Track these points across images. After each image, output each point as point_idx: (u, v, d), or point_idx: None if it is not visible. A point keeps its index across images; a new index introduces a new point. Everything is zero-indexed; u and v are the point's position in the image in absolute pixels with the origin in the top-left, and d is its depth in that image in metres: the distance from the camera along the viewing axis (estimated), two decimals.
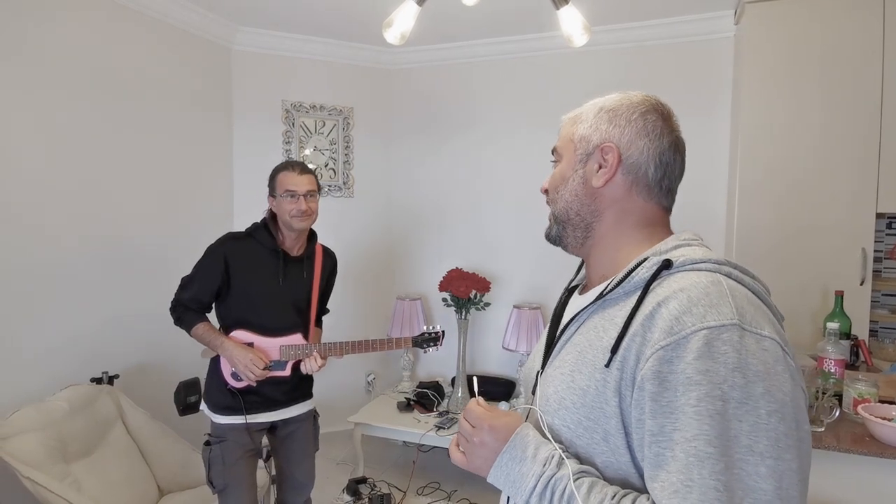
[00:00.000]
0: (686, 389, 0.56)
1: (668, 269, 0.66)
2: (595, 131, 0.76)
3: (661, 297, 0.63)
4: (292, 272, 1.86)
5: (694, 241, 0.72)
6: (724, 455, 0.54)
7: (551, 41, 3.06)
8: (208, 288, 1.80)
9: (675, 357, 0.58)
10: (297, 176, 1.80)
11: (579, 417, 0.66)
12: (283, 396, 1.89)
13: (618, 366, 0.63)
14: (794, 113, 2.32)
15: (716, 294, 0.60)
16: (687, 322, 0.59)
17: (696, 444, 0.55)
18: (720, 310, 0.59)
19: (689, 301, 0.60)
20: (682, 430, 0.56)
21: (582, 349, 0.69)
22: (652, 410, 0.58)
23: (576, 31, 1.77)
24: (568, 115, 0.83)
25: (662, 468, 0.57)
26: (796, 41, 2.31)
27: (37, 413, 1.89)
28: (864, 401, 1.65)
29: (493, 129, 3.31)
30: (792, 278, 2.31)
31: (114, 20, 2.45)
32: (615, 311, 0.68)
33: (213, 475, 1.79)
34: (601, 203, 0.76)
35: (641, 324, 0.62)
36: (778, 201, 2.35)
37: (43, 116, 2.18)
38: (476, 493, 2.77)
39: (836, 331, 1.84)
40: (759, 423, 0.55)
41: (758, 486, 0.54)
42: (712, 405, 0.55)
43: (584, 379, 0.66)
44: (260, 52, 3.19)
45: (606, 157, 0.74)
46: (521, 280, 3.29)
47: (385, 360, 3.61)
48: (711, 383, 0.56)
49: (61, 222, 2.26)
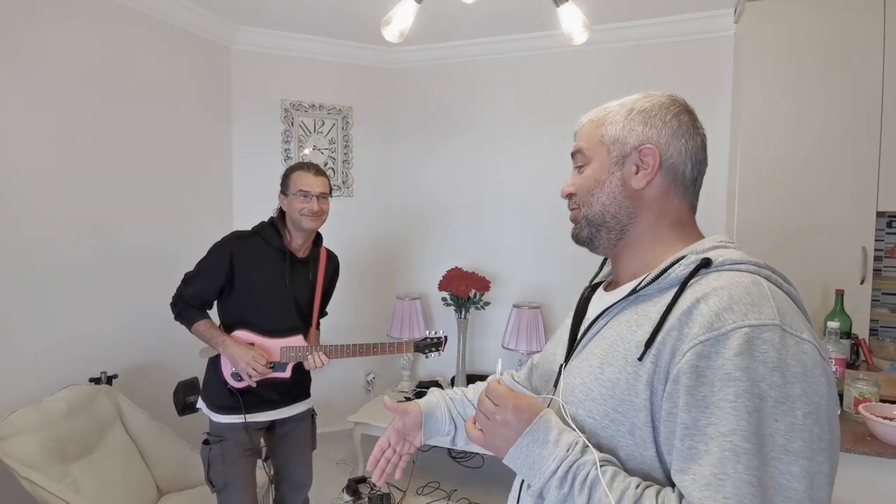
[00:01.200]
0: (724, 385, 0.57)
1: (707, 268, 0.66)
2: (630, 133, 0.76)
3: (699, 293, 0.63)
4: (298, 273, 1.85)
5: (731, 243, 0.72)
6: (759, 452, 0.55)
7: (551, 40, 3.05)
8: (212, 285, 1.79)
9: (714, 352, 0.58)
10: (313, 177, 1.82)
11: (606, 409, 0.66)
12: (282, 396, 1.89)
13: (651, 360, 0.63)
14: (794, 111, 2.32)
15: (757, 294, 0.61)
16: (728, 319, 0.59)
17: (732, 438, 0.56)
18: (761, 310, 0.59)
19: (730, 299, 0.60)
20: (717, 424, 0.56)
21: (612, 343, 0.69)
22: (687, 404, 0.59)
23: (576, 28, 1.77)
24: (588, 117, 0.82)
25: (694, 461, 0.57)
26: (796, 39, 2.30)
27: (35, 413, 1.88)
28: (865, 400, 1.65)
29: (492, 129, 3.30)
30: (792, 277, 2.26)
31: (113, 20, 2.45)
32: (649, 307, 0.68)
33: (213, 474, 1.78)
34: (639, 205, 0.76)
35: (678, 319, 0.62)
36: (778, 200, 2.34)
37: (41, 116, 2.17)
38: (476, 492, 2.77)
39: (837, 330, 1.84)
40: (796, 424, 0.56)
41: (790, 484, 0.54)
42: (750, 402, 0.56)
43: (615, 372, 0.66)
44: (259, 52, 3.19)
45: (646, 158, 0.75)
46: (520, 279, 3.29)
47: (384, 360, 3.60)
48: (750, 380, 0.56)
49: (60, 222, 2.26)
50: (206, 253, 1.83)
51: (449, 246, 3.45)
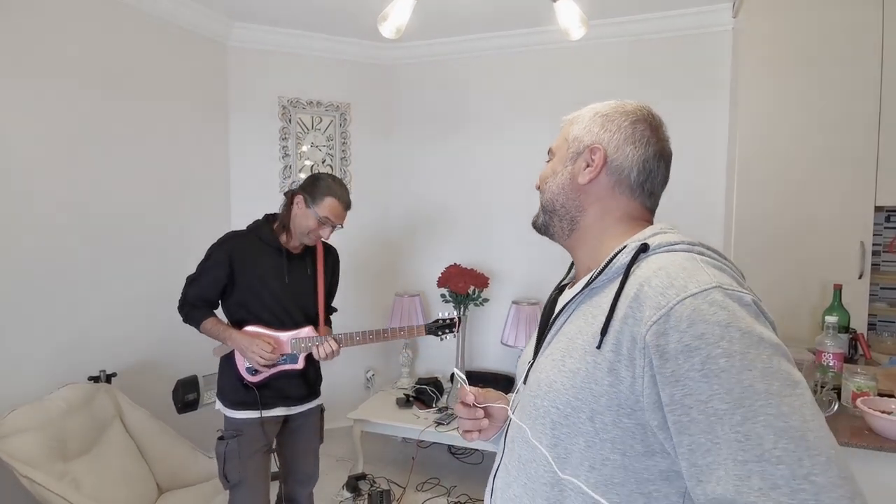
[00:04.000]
0: (687, 357, 0.59)
1: (645, 252, 0.70)
2: (588, 133, 0.82)
3: (642, 278, 0.66)
4: (296, 269, 1.86)
5: (671, 229, 0.76)
6: (740, 406, 0.56)
7: (549, 35, 3.05)
8: (214, 285, 1.82)
9: (669, 328, 0.60)
10: (342, 210, 1.83)
11: (568, 398, 0.69)
12: (299, 392, 1.90)
13: (611, 348, 0.66)
14: (792, 106, 2.31)
15: (692, 267, 0.65)
16: (671, 295, 0.62)
17: (711, 404, 0.57)
18: (698, 277, 0.63)
19: (668, 276, 0.64)
20: (693, 394, 0.58)
21: (572, 336, 0.73)
22: (661, 383, 0.61)
23: (573, 24, 1.76)
24: (568, 117, 0.88)
25: (685, 434, 0.60)
26: (795, 34, 2.30)
27: (35, 412, 1.88)
28: (863, 394, 1.65)
29: (490, 124, 3.30)
30: (790, 272, 2.30)
31: (109, 17, 2.44)
32: (601, 298, 0.72)
33: (229, 469, 1.79)
34: (585, 199, 0.82)
35: (629, 306, 0.65)
36: (776, 195, 2.34)
37: (39, 116, 2.16)
38: (476, 488, 2.77)
39: (835, 324, 1.84)
40: (769, 367, 0.57)
41: (787, 424, 0.55)
42: (715, 364, 0.58)
43: (575, 362, 0.70)
44: (256, 49, 3.17)
45: (594, 156, 0.81)
46: (519, 276, 3.29)
47: (384, 357, 3.61)
48: (710, 344, 0.58)
49: (58, 221, 2.25)
50: (205, 254, 1.84)
51: (447, 242, 3.45)
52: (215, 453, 1.84)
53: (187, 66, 2.88)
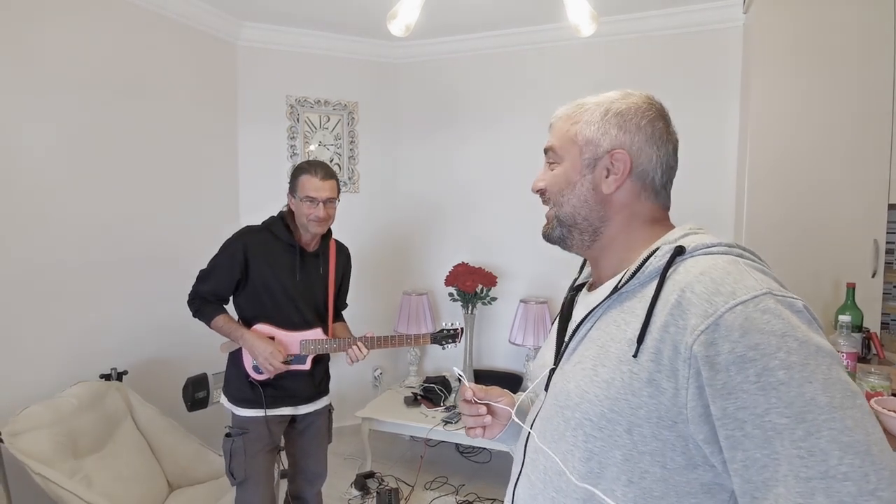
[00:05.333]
0: (740, 369, 0.56)
1: (682, 255, 0.66)
2: (604, 136, 0.75)
3: (682, 283, 0.62)
4: (309, 268, 1.86)
5: (700, 229, 0.73)
6: (802, 422, 0.53)
7: (558, 32, 3.03)
8: (227, 281, 1.81)
9: (719, 338, 0.57)
10: (320, 181, 1.77)
11: (602, 410, 0.66)
12: (305, 392, 1.90)
13: (650, 357, 0.62)
14: (804, 103, 2.29)
15: (736, 272, 0.61)
16: (719, 302, 0.58)
17: (769, 418, 0.55)
18: (746, 283, 0.59)
19: (713, 282, 0.60)
20: (747, 408, 0.55)
21: (603, 343, 0.69)
22: (711, 396, 0.58)
23: (583, 20, 1.75)
24: (561, 112, 0.82)
25: (738, 449, 0.57)
26: (806, 29, 2.27)
27: (46, 410, 1.90)
28: (877, 394, 1.63)
29: (499, 122, 3.28)
30: (803, 270, 2.28)
31: (118, 18, 2.45)
32: (634, 304, 0.68)
33: (234, 466, 1.80)
34: (611, 208, 0.77)
35: (670, 313, 0.62)
36: (788, 193, 2.32)
37: (50, 116, 2.18)
38: (484, 487, 2.77)
39: (848, 323, 1.81)
40: (827, 379, 0.55)
41: (852, 439, 0.53)
42: (774, 376, 0.55)
43: (609, 372, 0.66)
44: (264, 48, 3.18)
45: (617, 163, 0.75)
46: (527, 274, 3.28)
47: (392, 356, 3.61)
48: (766, 355, 0.55)
49: (69, 221, 2.27)
50: (220, 249, 1.84)
51: (455, 241, 3.45)
52: (223, 450, 1.85)
53: (196, 65, 2.89)
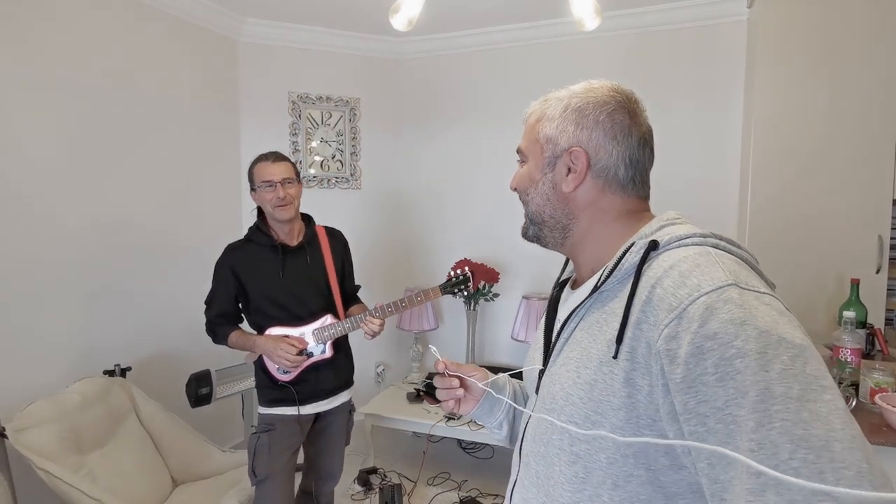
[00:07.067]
0: (698, 361, 0.53)
1: (656, 250, 0.64)
2: (562, 133, 0.74)
3: (654, 278, 0.61)
4: (293, 262, 1.86)
5: (677, 219, 0.70)
6: (754, 412, 0.50)
7: (560, 27, 3.02)
8: (227, 300, 1.86)
9: (681, 331, 0.55)
10: (272, 165, 1.80)
11: (586, 412, 0.64)
12: (332, 383, 1.91)
13: (626, 356, 0.61)
14: (808, 97, 2.28)
15: (705, 263, 0.59)
16: (683, 295, 0.57)
17: (728, 411, 0.52)
18: (713, 275, 0.57)
19: (680, 275, 0.59)
20: (708, 401, 0.53)
21: (585, 345, 0.68)
22: (673, 391, 0.56)
23: (587, 14, 1.74)
24: (532, 109, 0.80)
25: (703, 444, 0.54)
26: (811, 24, 2.26)
27: (51, 405, 1.91)
28: (881, 390, 1.63)
29: (501, 118, 3.27)
30: (806, 266, 2.27)
31: (119, 14, 2.44)
32: (613, 303, 0.66)
33: (257, 464, 1.81)
34: (575, 206, 0.75)
35: (641, 310, 0.61)
36: (792, 188, 2.31)
37: (51, 113, 2.18)
38: (486, 483, 2.78)
39: (852, 319, 1.81)
40: (787, 369, 0.51)
41: (807, 433, 0.48)
42: (730, 365, 0.52)
43: (591, 373, 0.65)
44: (266, 44, 3.17)
45: (574, 160, 0.73)
46: (529, 270, 3.27)
47: (394, 351, 3.62)
48: (723, 344, 0.53)
49: (73, 217, 2.27)
50: (213, 274, 1.87)
51: (458, 237, 3.44)
52: (248, 448, 1.86)
53: (198, 62, 2.88)
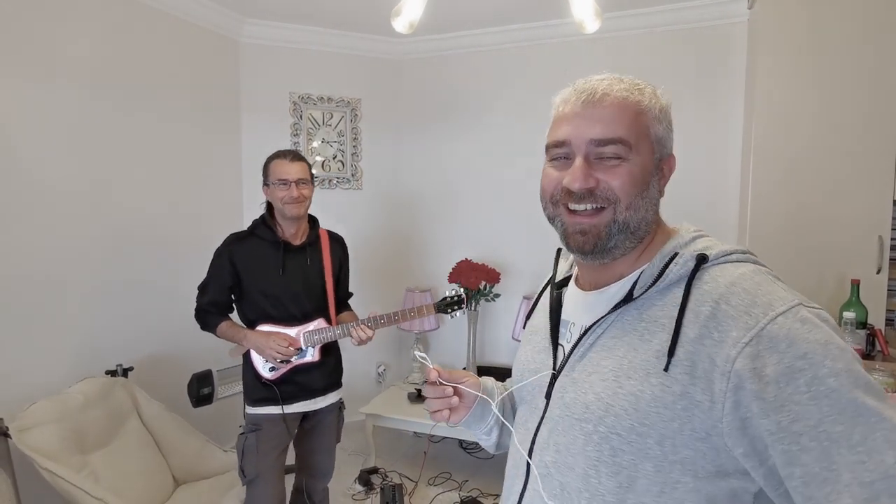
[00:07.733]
0: (790, 380, 0.55)
1: (705, 263, 0.65)
2: (668, 136, 0.72)
3: (715, 294, 0.62)
4: (294, 261, 1.87)
5: (700, 231, 0.73)
6: (857, 426, 0.54)
7: (561, 29, 3.02)
8: (222, 290, 1.86)
9: (764, 350, 0.57)
10: (289, 164, 1.82)
11: (631, 423, 0.64)
12: (318, 384, 1.91)
13: (683, 370, 0.61)
14: (809, 98, 2.28)
15: (764, 282, 0.62)
16: (758, 314, 0.58)
17: (823, 427, 0.54)
18: (779, 294, 0.60)
19: (747, 293, 0.60)
20: (801, 420, 0.55)
21: (625, 353, 0.67)
22: (761, 409, 0.57)
23: (587, 16, 1.75)
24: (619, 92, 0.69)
25: (796, 465, 0.56)
26: (812, 25, 2.26)
27: (53, 405, 1.91)
28: None
29: (502, 119, 3.28)
30: (807, 267, 2.27)
31: (120, 15, 2.45)
32: (655, 312, 0.66)
33: (246, 464, 1.81)
34: (657, 214, 0.74)
35: (704, 325, 0.61)
36: (792, 188, 2.31)
37: (53, 113, 2.19)
38: (487, 483, 2.78)
39: (853, 320, 1.82)
40: (868, 381, 0.56)
41: None
42: (824, 384, 0.55)
43: (636, 384, 0.64)
44: (267, 45, 3.18)
45: (671, 168, 0.74)
46: (530, 271, 3.28)
47: (395, 352, 3.62)
48: (815, 364, 0.55)
49: (75, 218, 2.28)
50: (211, 261, 1.88)
51: (459, 237, 3.45)
52: (236, 448, 1.86)
53: (199, 62, 2.89)
